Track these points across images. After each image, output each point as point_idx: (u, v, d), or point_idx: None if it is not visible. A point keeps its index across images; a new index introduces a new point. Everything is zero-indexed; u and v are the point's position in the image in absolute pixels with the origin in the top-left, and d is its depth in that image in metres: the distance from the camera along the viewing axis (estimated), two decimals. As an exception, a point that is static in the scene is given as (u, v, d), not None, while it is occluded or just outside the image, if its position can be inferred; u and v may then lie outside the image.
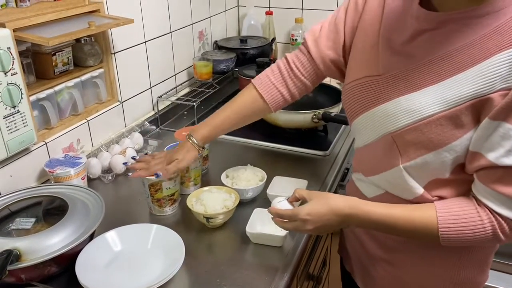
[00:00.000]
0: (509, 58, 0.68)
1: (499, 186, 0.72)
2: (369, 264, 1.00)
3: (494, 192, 0.73)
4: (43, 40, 1.01)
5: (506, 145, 0.69)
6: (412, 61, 0.78)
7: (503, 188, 0.72)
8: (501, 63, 0.68)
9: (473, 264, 0.89)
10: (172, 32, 1.63)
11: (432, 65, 0.75)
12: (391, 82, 0.80)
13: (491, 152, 0.71)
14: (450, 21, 0.74)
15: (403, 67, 0.79)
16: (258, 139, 1.45)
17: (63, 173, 1.08)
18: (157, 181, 1.02)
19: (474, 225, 0.75)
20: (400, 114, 0.78)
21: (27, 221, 0.91)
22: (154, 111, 1.57)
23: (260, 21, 2.11)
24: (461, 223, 0.76)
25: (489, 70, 0.69)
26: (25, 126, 1.05)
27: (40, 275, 0.85)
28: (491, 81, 0.69)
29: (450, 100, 0.73)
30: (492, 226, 0.74)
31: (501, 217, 0.74)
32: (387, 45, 0.83)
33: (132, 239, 0.94)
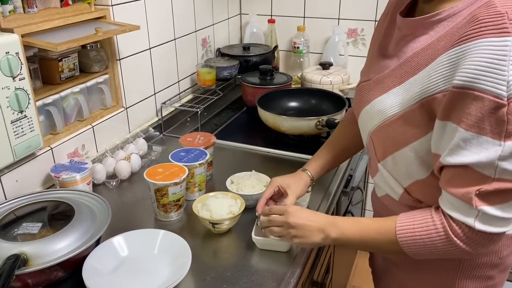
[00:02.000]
0: (449, 58, 0.68)
1: (449, 187, 0.72)
2: (383, 264, 1.02)
3: (447, 194, 0.73)
4: (52, 45, 1.02)
5: (450, 144, 0.69)
6: (393, 64, 0.82)
7: (452, 189, 0.71)
8: (443, 63, 0.69)
9: (475, 278, 0.87)
10: (176, 39, 1.64)
11: (401, 68, 0.79)
12: (374, 85, 0.85)
13: (441, 151, 0.71)
14: (421, 26, 0.77)
15: (387, 70, 0.83)
16: (261, 145, 1.45)
17: (68, 178, 1.09)
18: (163, 186, 1.02)
19: (427, 227, 0.74)
20: (374, 114, 0.83)
21: (33, 225, 0.91)
22: (158, 117, 1.58)
23: (262, 29, 2.12)
24: (415, 227, 0.76)
25: (435, 70, 0.70)
26: (32, 131, 1.06)
27: (47, 280, 0.85)
28: (435, 82, 0.70)
29: (405, 101, 0.75)
30: (444, 229, 0.73)
31: (453, 221, 0.72)
32: (380, 53, 0.88)
33: (138, 244, 0.94)
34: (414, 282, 0.93)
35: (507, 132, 0.64)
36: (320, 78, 1.77)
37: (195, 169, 1.11)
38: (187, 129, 1.59)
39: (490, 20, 0.65)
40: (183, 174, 1.05)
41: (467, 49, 0.65)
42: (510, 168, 0.66)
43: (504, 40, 0.63)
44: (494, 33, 0.64)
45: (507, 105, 0.62)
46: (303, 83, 1.86)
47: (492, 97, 0.63)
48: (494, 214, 0.69)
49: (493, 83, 0.63)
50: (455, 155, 0.68)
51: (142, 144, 1.38)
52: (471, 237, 0.71)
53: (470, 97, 0.65)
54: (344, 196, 1.45)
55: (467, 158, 0.67)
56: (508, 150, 0.65)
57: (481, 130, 0.65)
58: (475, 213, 0.70)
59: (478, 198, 0.68)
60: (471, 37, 0.65)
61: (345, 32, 2.01)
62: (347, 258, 2.00)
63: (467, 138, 0.66)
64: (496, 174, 0.66)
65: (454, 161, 0.69)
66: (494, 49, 0.63)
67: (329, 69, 1.84)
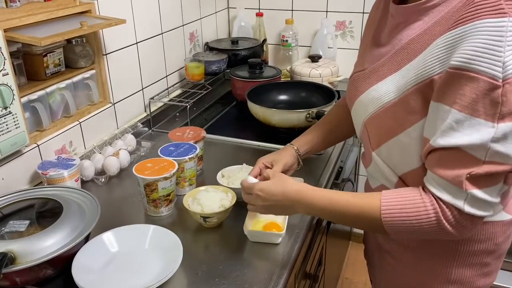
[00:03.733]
0: (446, 41, 0.68)
1: (439, 169, 0.71)
2: (377, 255, 1.02)
3: (436, 176, 0.72)
4: (35, 40, 1.00)
5: (442, 126, 0.69)
6: (388, 53, 0.81)
7: (442, 171, 0.70)
8: (440, 46, 0.69)
9: (471, 265, 0.87)
10: (163, 34, 1.62)
11: (396, 55, 0.78)
12: (369, 75, 0.85)
13: (432, 134, 0.71)
14: (414, 12, 0.77)
15: (382, 59, 0.82)
16: (251, 139, 1.45)
17: (56, 175, 1.07)
18: (152, 181, 1.01)
19: (417, 210, 0.72)
20: (369, 103, 0.83)
21: (20, 223, 0.90)
22: (146, 113, 1.56)
23: (250, 22, 2.11)
24: (403, 208, 0.73)
25: (431, 54, 0.70)
26: (17, 127, 1.04)
27: (36, 278, 0.84)
28: (432, 65, 0.70)
29: (401, 86, 0.75)
30: (435, 212, 0.71)
31: (444, 204, 0.71)
32: (374, 42, 0.87)
33: (129, 240, 0.93)
34: (410, 271, 0.93)
35: (500, 113, 0.64)
36: (309, 71, 1.77)
37: (185, 164, 1.10)
38: (176, 124, 1.58)
39: (486, 1, 0.64)
40: (172, 169, 1.04)
41: (464, 31, 0.65)
42: (501, 150, 0.66)
43: (500, 21, 0.62)
44: (491, 14, 0.63)
45: (501, 87, 0.62)
46: (292, 76, 1.85)
47: (487, 78, 0.63)
48: (482, 197, 0.69)
49: (489, 64, 0.62)
50: (447, 137, 0.68)
51: (130, 140, 1.36)
52: (459, 220, 0.71)
53: (465, 78, 0.64)
54: (335, 188, 1.45)
55: (459, 140, 0.67)
56: (501, 132, 0.64)
57: (475, 112, 0.65)
58: (464, 196, 0.69)
59: (469, 181, 0.68)
60: (468, 19, 0.65)
61: (334, 24, 2.01)
62: (340, 250, 2.00)
63: (460, 120, 0.66)
64: (487, 156, 0.66)
65: (445, 143, 0.68)
66: (490, 30, 0.63)
67: (318, 62, 1.83)
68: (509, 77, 0.62)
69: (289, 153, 1.05)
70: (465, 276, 0.88)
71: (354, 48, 2.01)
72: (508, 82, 0.62)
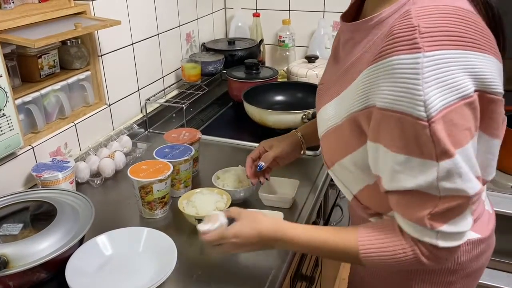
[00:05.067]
0: (368, 75, 0.66)
1: (401, 211, 0.69)
2: None
3: (400, 216, 0.69)
4: (29, 42, 0.99)
5: (386, 169, 0.67)
6: (341, 69, 0.79)
7: (404, 213, 0.68)
8: (364, 80, 0.67)
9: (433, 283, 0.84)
10: (159, 34, 1.61)
11: (342, 76, 0.76)
12: (324, 91, 0.83)
13: (382, 176, 0.69)
14: (357, 30, 0.74)
15: (336, 76, 0.80)
16: (247, 140, 1.44)
17: (50, 178, 1.06)
18: (147, 183, 1.01)
19: (395, 252, 0.70)
20: (321, 121, 0.82)
21: (14, 227, 0.89)
22: (142, 114, 1.55)
23: (247, 23, 2.11)
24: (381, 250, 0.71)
25: (357, 86, 0.68)
26: (11, 130, 1.03)
27: (29, 282, 0.83)
28: (358, 98, 0.68)
29: (338, 114, 0.74)
30: (414, 252, 0.69)
31: (420, 243, 0.68)
32: (333, 56, 0.86)
33: (123, 243, 0.93)
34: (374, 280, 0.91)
35: (437, 152, 0.61)
36: (306, 72, 1.76)
37: (180, 166, 1.10)
38: (172, 126, 1.58)
39: (403, 34, 0.60)
40: (167, 171, 1.03)
41: (382, 67, 0.63)
42: (451, 187, 0.63)
43: (415, 57, 0.59)
44: (405, 50, 0.60)
45: (428, 126, 0.59)
46: (289, 77, 1.85)
47: (412, 119, 0.60)
48: (452, 231, 0.66)
49: (410, 103, 0.59)
50: (394, 181, 0.66)
51: (126, 142, 1.36)
52: (436, 254, 0.69)
53: (393, 119, 0.62)
54: (332, 189, 1.45)
55: (406, 183, 0.64)
56: (444, 170, 0.61)
57: (411, 152, 0.62)
58: (434, 234, 0.67)
59: (432, 220, 0.65)
60: (385, 54, 0.62)
61: (331, 25, 2.00)
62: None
63: (400, 162, 0.64)
64: (441, 193, 0.63)
65: (394, 187, 0.66)
66: (406, 67, 0.59)
67: (315, 62, 1.83)
68: (433, 115, 0.59)
69: (290, 141, 1.05)
70: None
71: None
72: (434, 121, 0.59)
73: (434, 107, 0.59)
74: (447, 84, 0.59)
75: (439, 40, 0.59)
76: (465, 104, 0.60)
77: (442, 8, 0.62)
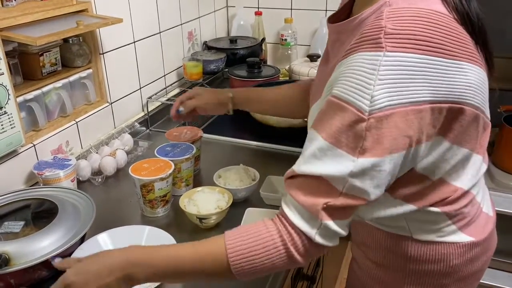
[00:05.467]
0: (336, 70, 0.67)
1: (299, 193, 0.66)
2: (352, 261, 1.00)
3: (293, 200, 0.67)
4: (30, 39, 0.99)
5: (306, 152, 0.66)
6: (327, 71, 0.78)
7: (301, 197, 0.66)
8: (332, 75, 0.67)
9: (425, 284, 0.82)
10: (161, 33, 1.61)
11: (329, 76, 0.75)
12: (316, 88, 0.83)
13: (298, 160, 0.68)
14: (342, 31, 0.75)
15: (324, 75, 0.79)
16: (249, 139, 1.44)
17: (52, 175, 1.06)
18: (149, 182, 1.00)
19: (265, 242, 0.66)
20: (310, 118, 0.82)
21: (15, 224, 0.89)
22: (144, 112, 1.55)
23: (249, 21, 2.10)
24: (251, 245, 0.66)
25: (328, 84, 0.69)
26: (13, 127, 1.03)
27: (30, 280, 0.83)
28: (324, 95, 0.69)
29: None
30: (283, 242, 0.66)
31: (294, 230, 0.66)
32: (324, 57, 0.86)
33: (124, 241, 0.92)
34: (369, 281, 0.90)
35: (361, 148, 0.61)
36: (308, 70, 1.76)
37: (181, 164, 1.10)
38: (173, 124, 1.57)
39: (370, 34, 0.62)
40: (169, 169, 1.03)
41: (346, 62, 0.64)
42: (359, 185, 0.63)
43: (376, 55, 0.60)
44: (369, 48, 0.61)
45: (366, 120, 0.59)
46: (291, 76, 1.84)
47: (354, 110, 0.60)
48: (334, 229, 0.66)
49: (358, 95, 0.60)
50: (309, 164, 0.65)
51: (127, 140, 1.35)
52: (308, 249, 0.67)
53: (337, 107, 0.62)
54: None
55: (319, 169, 0.64)
56: (359, 167, 0.61)
57: (338, 143, 0.62)
58: (317, 225, 0.66)
59: (324, 211, 0.64)
60: (352, 51, 0.63)
61: (333, 23, 2.00)
62: (338, 251, 2.00)
63: (323, 148, 0.63)
64: (344, 189, 0.63)
65: (307, 170, 0.65)
66: (365, 63, 0.60)
67: (317, 61, 1.82)
68: (375, 111, 0.59)
69: (218, 97, 1.12)
70: None
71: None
72: (374, 117, 0.59)
73: (379, 104, 0.59)
74: (399, 87, 0.59)
75: (403, 43, 0.59)
76: (413, 111, 0.60)
77: (415, 11, 0.62)
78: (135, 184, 1.03)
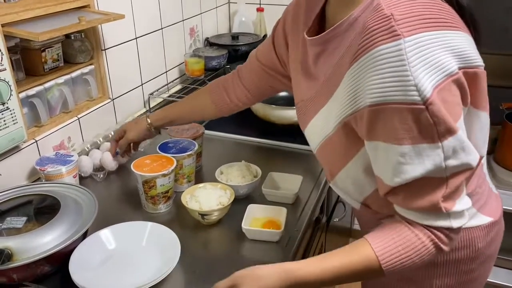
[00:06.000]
0: (352, 75, 0.65)
1: (410, 203, 0.68)
2: None
3: (411, 210, 0.69)
4: (33, 35, 0.99)
5: (390, 164, 0.66)
6: (318, 84, 0.79)
7: (415, 204, 0.67)
8: (349, 81, 0.67)
9: (454, 274, 0.84)
10: (163, 29, 1.61)
11: (324, 86, 0.75)
12: (308, 106, 0.83)
13: (383, 173, 0.69)
14: (328, 41, 0.74)
15: (314, 91, 0.80)
16: (251, 135, 1.44)
17: (54, 171, 1.06)
18: (151, 178, 1.00)
19: (415, 247, 0.69)
20: (312, 135, 0.82)
21: (18, 220, 0.89)
22: (145, 108, 1.55)
23: (251, 18, 2.10)
24: (402, 250, 0.69)
25: (344, 90, 0.68)
26: (15, 123, 1.03)
27: (33, 275, 0.84)
28: (347, 102, 0.68)
29: (331, 122, 0.74)
30: (433, 241, 0.69)
31: (434, 229, 0.69)
32: (304, 73, 0.84)
33: (126, 237, 0.93)
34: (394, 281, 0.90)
35: (438, 133, 0.61)
36: (309, 67, 1.75)
37: (183, 160, 1.10)
38: (175, 120, 1.57)
39: (379, 25, 0.61)
40: (171, 166, 1.03)
41: (365, 62, 0.63)
42: (456, 163, 0.64)
43: (397, 45, 0.59)
44: (385, 40, 0.60)
45: (426, 109, 0.60)
46: (292, 72, 1.84)
47: (409, 106, 0.60)
48: (461, 209, 0.68)
49: (403, 91, 0.59)
50: (401, 173, 0.65)
51: (129, 136, 1.35)
52: (452, 237, 0.70)
53: (389, 112, 0.62)
54: (334, 185, 1.45)
55: (414, 172, 0.64)
56: (448, 149, 0.62)
57: (414, 140, 0.62)
58: (447, 216, 0.68)
59: (445, 203, 0.66)
60: (365, 48, 0.62)
61: (335, 20, 1.99)
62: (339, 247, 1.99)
63: (404, 152, 0.63)
64: (447, 173, 0.64)
65: (403, 179, 0.65)
66: (390, 56, 0.60)
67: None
68: (428, 97, 0.59)
69: (140, 128, 1.16)
70: (449, 285, 0.85)
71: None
72: (430, 103, 0.60)
73: (426, 89, 0.59)
74: (432, 65, 0.60)
75: (415, 24, 0.61)
76: (452, 81, 0.62)
77: None
78: (137, 180, 1.03)
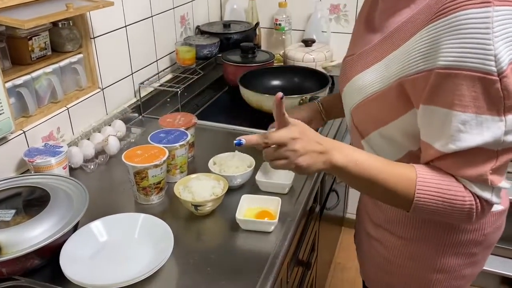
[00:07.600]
0: (428, 35, 0.64)
1: (459, 171, 0.69)
2: (366, 243, 1.01)
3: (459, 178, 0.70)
4: (18, 22, 0.96)
5: (447, 130, 0.66)
6: (377, 38, 0.78)
7: (462, 172, 0.68)
8: (423, 40, 0.65)
9: (459, 255, 0.87)
10: (153, 16, 1.58)
11: (382, 43, 0.75)
12: (357, 61, 0.82)
13: (434, 139, 0.68)
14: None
15: (371, 44, 0.79)
16: (244, 125, 1.42)
17: (43, 163, 1.04)
18: (142, 169, 0.99)
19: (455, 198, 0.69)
20: (354, 92, 0.80)
21: (6, 213, 0.87)
22: (136, 98, 1.53)
23: (243, 5, 2.07)
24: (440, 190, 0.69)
25: (413, 47, 0.67)
26: (1, 114, 1.00)
27: (23, 269, 0.82)
28: (415, 60, 0.67)
29: (385, 78, 0.73)
30: (471, 204, 0.70)
31: (478, 198, 0.70)
32: (366, 26, 0.84)
33: (118, 229, 0.92)
34: (397, 259, 0.92)
35: (505, 107, 0.62)
36: (303, 56, 1.74)
37: (175, 151, 1.08)
38: (167, 110, 1.55)
39: None
40: (163, 156, 1.01)
41: (447, 23, 0.61)
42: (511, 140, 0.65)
43: (485, 11, 0.59)
44: (474, 4, 0.59)
45: (499, 81, 0.60)
46: (285, 61, 1.82)
47: (482, 75, 0.60)
48: (504, 186, 0.70)
49: (481, 59, 0.59)
50: (458, 141, 0.65)
51: (120, 126, 1.33)
52: (485, 212, 0.71)
53: (459, 78, 0.61)
54: (328, 175, 1.44)
55: (472, 141, 0.64)
56: (510, 124, 0.63)
57: (479, 109, 0.62)
58: (490, 189, 0.69)
59: (492, 176, 0.67)
60: (450, 9, 0.61)
61: (328, 8, 1.97)
62: (332, 235, 2.01)
63: (466, 120, 0.63)
64: (500, 147, 0.65)
65: (458, 147, 0.65)
66: (475, 21, 0.59)
67: (311, 46, 1.80)
68: (504, 69, 0.59)
69: (310, 108, 1.07)
70: (452, 265, 0.88)
71: (348, 33, 1.96)
72: (505, 75, 0.60)
73: (504, 61, 0.59)
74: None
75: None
76: None
77: None
78: (128, 171, 1.01)
